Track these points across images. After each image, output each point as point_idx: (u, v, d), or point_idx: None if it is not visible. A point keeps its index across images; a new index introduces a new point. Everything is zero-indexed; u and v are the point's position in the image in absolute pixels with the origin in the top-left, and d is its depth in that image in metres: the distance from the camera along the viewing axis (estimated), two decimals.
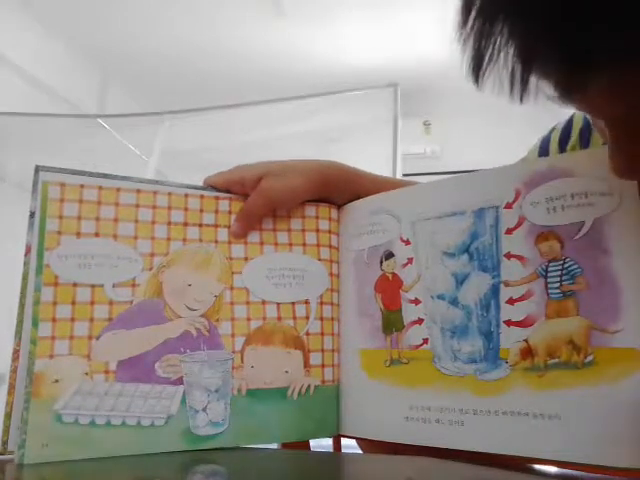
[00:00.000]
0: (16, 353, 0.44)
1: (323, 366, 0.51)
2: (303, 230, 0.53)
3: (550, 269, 0.41)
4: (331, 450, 0.56)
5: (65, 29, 2.78)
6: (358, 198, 0.55)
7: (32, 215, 0.45)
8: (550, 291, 0.41)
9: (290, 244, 0.53)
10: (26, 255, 0.45)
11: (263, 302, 0.51)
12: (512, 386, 0.41)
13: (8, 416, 0.43)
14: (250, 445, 0.48)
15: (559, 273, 0.41)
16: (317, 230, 0.54)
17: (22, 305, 0.45)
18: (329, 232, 0.54)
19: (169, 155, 2.53)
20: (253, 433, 0.48)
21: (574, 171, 0.41)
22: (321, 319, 0.52)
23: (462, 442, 0.43)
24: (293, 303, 0.51)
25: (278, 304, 0.51)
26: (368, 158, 2.41)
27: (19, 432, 0.41)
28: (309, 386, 0.50)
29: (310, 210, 0.54)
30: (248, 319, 0.50)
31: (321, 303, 0.52)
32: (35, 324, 0.43)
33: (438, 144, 3.53)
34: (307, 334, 0.51)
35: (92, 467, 0.42)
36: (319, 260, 0.53)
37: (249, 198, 0.52)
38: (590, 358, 0.38)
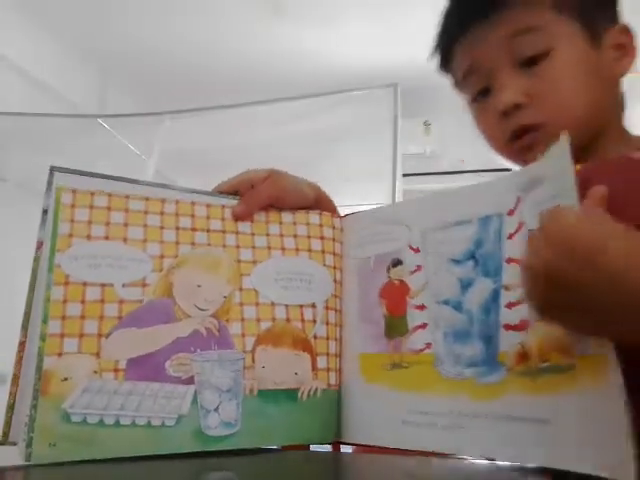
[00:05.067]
0: (22, 345, 0.44)
1: (328, 370, 0.52)
2: (309, 236, 0.54)
3: None
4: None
5: (65, 29, 2.78)
6: None
7: (45, 212, 0.46)
8: None
9: (297, 249, 0.53)
10: (37, 250, 0.45)
11: (272, 303, 0.51)
12: (508, 390, 0.42)
13: (10, 407, 0.43)
14: (261, 446, 0.48)
15: None
16: (322, 237, 0.55)
17: (30, 299, 0.45)
18: (333, 240, 0.55)
19: (169, 155, 2.53)
20: (264, 434, 0.48)
21: (546, 175, 0.41)
22: (327, 323, 0.52)
23: (459, 447, 0.44)
24: (301, 306, 0.52)
25: (287, 306, 0.51)
26: (368, 158, 2.41)
27: (27, 430, 0.41)
28: (317, 389, 0.50)
29: (314, 218, 0.55)
30: (258, 320, 0.50)
31: (327, 308, 0.53)
32: (45, 321, 0.43)
33: (438, 144, 3.53)
34: (314, 337, 0.52)
35: (98, 470, 0.42)
36: (324, 266, 0.54)
37: (260, 185, 0.53)
38: (573, 362, 0.37)
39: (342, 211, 0.59)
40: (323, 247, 0.54)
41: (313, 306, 0.52)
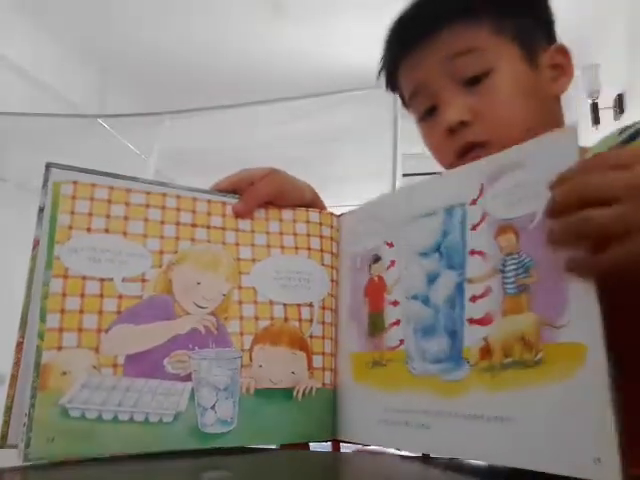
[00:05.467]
0: (19, 345, 0.44)
1: (323, 369, 0.52)
2: (308, 235, 0.54)
3: (507, 263, 0.40)
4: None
5: (65, 29, 2.78)
6: None
7: (41, 210, 0.45)
8: (507, 286, 0.39)
9: (296, 248, 0.53)
10: (34, 248, 0.45)
11: (270, 302, 0.51)
12: (470, 387, 0.40)
13: (8, 409, 0.43)
14: (256, 445, 0.48)
15: (515, 267, 0.39)
16: (321, 236, 0.55)
17: (28, 297, 0.44)
18: (331, 239, 0.55)
19: (169, 155, 2.53)
20: (260, 433, 0.48)
21: (526, 161, 0.39)
22: (322, 323, 0.53)
23: (427, 446, 0.43)
24: (299, 305, 0.52)
25: (285, 305, 0.51)
26: (368, 158, 2.41)
27: (25, 430, 0.41)
28: (311, 388, 0.51)
29: (314, 216, 0.55)
30: (256, 318, 0.50)
31: (323, 307, 0.53)
32: (43, 318, 0.43)
33: None
34: (310, 337, 0.52)
35: (94, 469, 0.41)
36: (322, 265, 0.54)
37: (259, 182, 0.53)
38: (540, 356, 0.36)
39: (342, 211, 0.59)
40: (322, 246, 0.54)
41: (310, 305, 0.52)
